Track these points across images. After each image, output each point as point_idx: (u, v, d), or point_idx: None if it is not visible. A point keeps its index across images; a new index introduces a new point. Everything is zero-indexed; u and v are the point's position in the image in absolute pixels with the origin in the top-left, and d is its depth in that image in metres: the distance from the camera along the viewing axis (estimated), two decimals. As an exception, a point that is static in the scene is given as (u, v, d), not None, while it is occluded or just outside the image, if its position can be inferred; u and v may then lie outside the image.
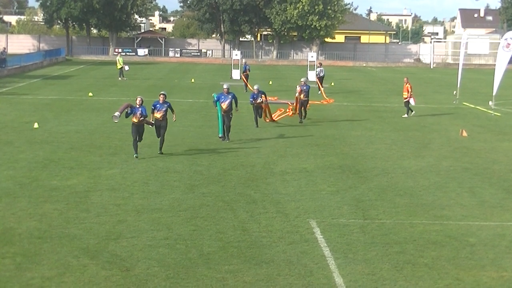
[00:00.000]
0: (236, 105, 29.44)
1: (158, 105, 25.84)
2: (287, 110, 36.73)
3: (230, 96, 28.81)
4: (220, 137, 28.83)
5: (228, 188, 21.29)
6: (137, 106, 25.09)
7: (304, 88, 35.59)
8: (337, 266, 14.69)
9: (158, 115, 25.76)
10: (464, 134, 33.04)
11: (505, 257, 15.57)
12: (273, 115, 35.22)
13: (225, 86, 29.36)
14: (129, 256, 15.02)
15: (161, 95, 26.10)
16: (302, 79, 37.34)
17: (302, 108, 35.95)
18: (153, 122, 25.94)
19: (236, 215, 18.45)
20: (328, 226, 17.60)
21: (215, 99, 28.97)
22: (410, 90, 39.23)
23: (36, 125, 32.49)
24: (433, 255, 15.60)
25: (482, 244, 16.45)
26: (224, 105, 28.63)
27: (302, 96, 35.51)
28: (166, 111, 25.88)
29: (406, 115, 39.31)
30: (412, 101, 39.70)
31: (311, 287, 13.52)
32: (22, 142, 28.35)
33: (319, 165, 25.22)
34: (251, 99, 32.98)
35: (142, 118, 25.11)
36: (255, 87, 33.95)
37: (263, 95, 33.15)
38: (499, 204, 20.31)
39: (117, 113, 25.01)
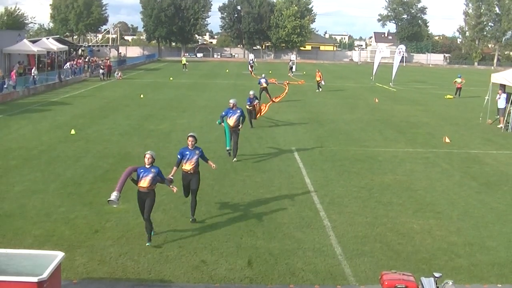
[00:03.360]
0: (242, 122, 16.56)
1: (187, 152, 10.90)
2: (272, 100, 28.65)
3: (238, 112, 16.39)
4: (227, 150, 16.35)
5: (246, 131, 21.03)
6: (146, 166, 9.94)
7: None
8: (306, 173, 14.63)
9: (188, 166, 10.82)
10: (376, 101, 32.73)
11: (397, 168, 15.48)
12: (258, 113, 23.00)
13: (231, 101, 16.66)
14: (193, 167, 14.99)
15: (190, 138, 11.08)
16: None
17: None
18: (172, 182, 10.28)
19: (251, 145, 18.36)
20: (301, 151, 17.49)
21: (223, 114, 16.56)
22: (321, 76, 38.37)
23: (142, 96, 32.30)
24: (359, 166, 15.51)
25: (385, 161, 16.35)
26: (232, 121, 16.19)
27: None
28: (197, 160, 10.91)
29: (317, 90, 37.77)
30: (323, 82, 38.63)
31: (292, 184, 13.46)
32: (134, 105, 28.21)
33: (297, 117, 24.99)
34: (248, 103, 21.38)
35: (151, 184, 9.80)
36: (251, 92, 21.65)
37: (256, 100, 22.06)
38: (395, 139, 20.14)
39: (113, 195, 9.48)
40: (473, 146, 19.17)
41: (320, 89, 38.31)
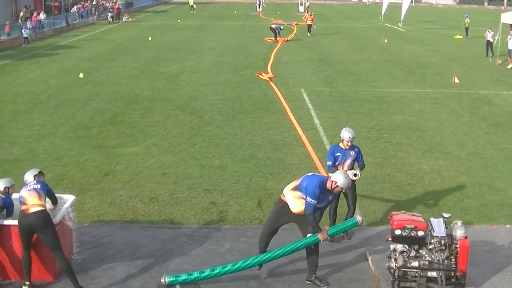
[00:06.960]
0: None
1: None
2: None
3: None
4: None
5: (255, 71, 20.65)
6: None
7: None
8: (315, 113, 14.34)
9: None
10: (385, 41, 31.81)
11: (406, 109, 15.13)
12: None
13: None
14: (201, 109, 14.70)
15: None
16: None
17: None
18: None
19: (260, 86, 17.97)
20: (310, 92, 17.09)
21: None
22: (313, 19, 36.11)
23: (149, 38, 31.61)
24: (368, 107, 15.17)
25: (394, 102, 15.97)
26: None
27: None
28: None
29: (308, 34, 34.56)
30: (314, 26, 36.44)
31: (302, 124, 13.19)
32: (142, 48, 27.62)
33: (306, 58, 24.39)
34: (330, 163, 7.25)
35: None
36: (348, 136, 7.28)
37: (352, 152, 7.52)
38: (404, 80, 19.65)
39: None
40: (482, 86, 18.67)
41: (309, 34, 34.88)
